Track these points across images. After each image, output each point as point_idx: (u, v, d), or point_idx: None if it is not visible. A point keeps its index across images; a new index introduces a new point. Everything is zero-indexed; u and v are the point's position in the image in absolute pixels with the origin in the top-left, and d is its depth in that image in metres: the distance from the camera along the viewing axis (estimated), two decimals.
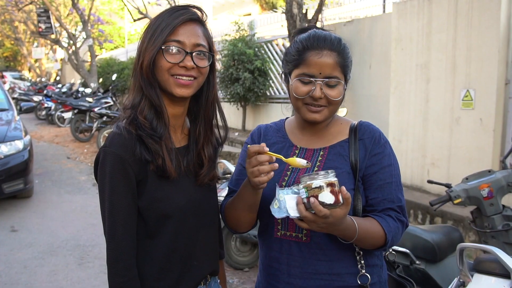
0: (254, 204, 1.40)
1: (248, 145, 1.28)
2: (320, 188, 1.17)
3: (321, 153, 1.45)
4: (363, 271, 1.40)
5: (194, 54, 1.31)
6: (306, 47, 1.39)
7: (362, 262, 1.40)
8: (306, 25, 6.27)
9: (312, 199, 1.16)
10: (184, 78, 1.31)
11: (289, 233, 1.42)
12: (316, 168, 1.43)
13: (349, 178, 1.40)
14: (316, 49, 1.38)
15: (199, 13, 1.36)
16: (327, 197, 1.17)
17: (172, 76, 1.31)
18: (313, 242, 1.38)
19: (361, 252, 1.40)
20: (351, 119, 1.54)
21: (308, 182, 1.18)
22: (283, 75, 1.50)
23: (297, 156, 1.46)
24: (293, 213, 1.21)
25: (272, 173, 1.26)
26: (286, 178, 1.43)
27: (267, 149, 1.25)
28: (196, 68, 1.32)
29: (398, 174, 1.45)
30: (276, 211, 1.23)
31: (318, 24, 7.19)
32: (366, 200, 1.42)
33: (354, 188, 1.39)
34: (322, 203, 1.16)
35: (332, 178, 1.18)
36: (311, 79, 1.37)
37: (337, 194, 1.17)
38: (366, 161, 1.41)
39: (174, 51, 1.30)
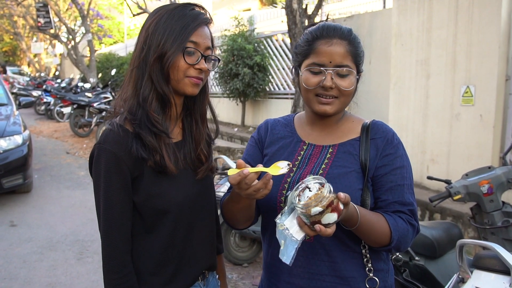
0: (251, 206, 1.37)
1: (228, 177, 1.22)
2: (321, 213, 1.11)
3: (330, 150, 1.40)
4: (371, 274, 1.35)
5: (207, 58, 1.35)
6: (316, 37, 1.36)
7: (370, 265, 1.36)
8: (306, 20, 6.26)
9: (317, 227, 1.11)
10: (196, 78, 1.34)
11: None
12: (323, 166, 1.37)
13: (358, 178, 1.35)
14: (325, 37, 1.34)
15: (208, 15, 1.38)
16: (330, 217, 1.12)
17: (186, 77, 1.33)
18: (317, 242, 1.34)
19: (368, 255, 1.36)
20: (363, 118, 1.49)
21: (305, 209, 1.11)
22: (293, 70, 1.47)
23: (304, 152, 1.43)
24: (300, 236, 1.16)
25: (271, 182, 1.19)
26: (291, 174, 1.39)
27: (248, 169, 1.17)
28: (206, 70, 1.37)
29: (411, 177, 1.39)
30: (285, 255, 1.17)
31: (315, 19, 7.15)
32: (375, 202, 1.37)
33: (362, 188, 1.34)
34: (327, 225, 1.12)
35: (328, 195, 1.11)
36: (321, 68, 1.33)
37: (338, 208, 1.13)
38: (377, 161, 1.36)
39: (192, 52, 1.32)
